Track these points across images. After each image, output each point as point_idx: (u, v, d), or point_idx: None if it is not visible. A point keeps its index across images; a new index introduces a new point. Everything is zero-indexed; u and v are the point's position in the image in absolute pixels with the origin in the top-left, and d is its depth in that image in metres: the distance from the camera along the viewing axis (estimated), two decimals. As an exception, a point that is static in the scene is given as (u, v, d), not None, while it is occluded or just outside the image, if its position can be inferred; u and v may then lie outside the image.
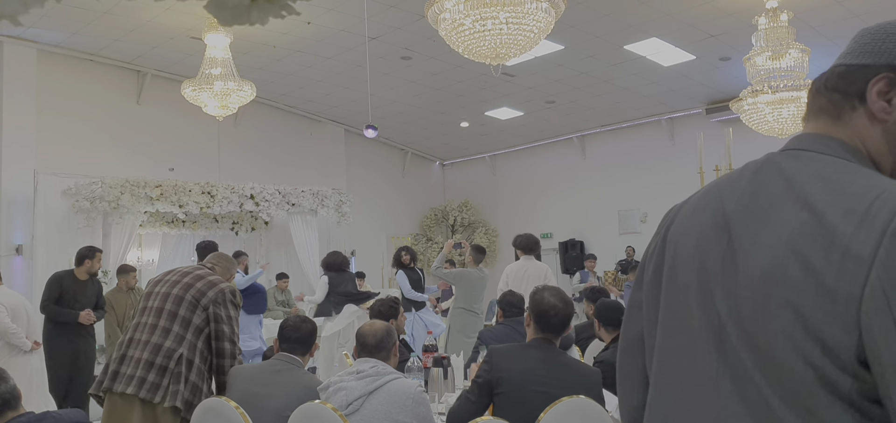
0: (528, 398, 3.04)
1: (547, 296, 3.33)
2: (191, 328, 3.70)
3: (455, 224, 16.37)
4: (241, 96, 8.71)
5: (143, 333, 3.71)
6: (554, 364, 3.23)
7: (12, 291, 6.96)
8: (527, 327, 3.40)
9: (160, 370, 3.60)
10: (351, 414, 3.12)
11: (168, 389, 3.57)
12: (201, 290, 3.76)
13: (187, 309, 3.72)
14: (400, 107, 13.21)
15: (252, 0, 0.78)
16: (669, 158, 13.42)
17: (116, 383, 3.63)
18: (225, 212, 11.39)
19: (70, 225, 9.83)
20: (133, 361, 3.65)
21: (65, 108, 10.82)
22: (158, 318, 3.71)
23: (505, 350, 3.32)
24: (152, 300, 3.79)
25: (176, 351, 3.64)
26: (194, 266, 3.97)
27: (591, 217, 14.67)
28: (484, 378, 3.15)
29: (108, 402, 3.67)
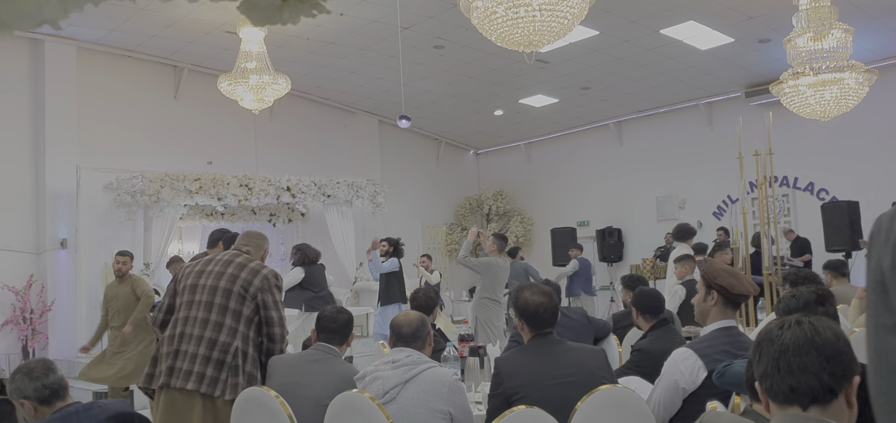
0: (548, 395, 3.02)
1: (529, 296, 3.30)
2: (242, 320, 3.76)
3: (490, 213, 16.33)
4: (276, 89, 8.78)
5: (195, 327, 3.74)
6: (559, 355, 3.22)
7: None
8: (520, 331, 3.38)
9: (217, 365, 3.66)
10: (388, 403, 3.14)
11: (227, 382, 3.64)
12: (247, 280, 3.79)
13: (237, 301, 3.76)
14: (433, 96, 13.20)
15: (283, 0, 0.78)
16: (708, 144, 13.22)
17: (173, 378, 3.68)
18: (262, 204, 11.52)
19: (112, 219, 10.03)
20: (188, 356, 3.69)
21: (105, 104, 11.02)
22: (209, 312, 3.74)
23: (509, 359, 3.31)
24: (199, 293, 3.80)
25: (231, 345, 3.70)
26: (233, 253, 3.96)
27: (628, 204, 14.52)
28: (499, 392, 3.13)
29: (166, 397, 3.72)
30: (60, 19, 0.80)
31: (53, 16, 0.79)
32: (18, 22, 0.77)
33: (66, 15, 0.80)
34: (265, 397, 3.43)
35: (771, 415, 1.60)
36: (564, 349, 3.24)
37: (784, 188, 12.50)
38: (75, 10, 0.82)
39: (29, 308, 9.74)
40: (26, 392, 2.84)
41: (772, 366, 1.57)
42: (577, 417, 2.98)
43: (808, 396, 1.53)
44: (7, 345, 9.62)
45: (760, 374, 1.60)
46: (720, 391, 3.06)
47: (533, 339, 3.27)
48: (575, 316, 5.27)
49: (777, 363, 1.56)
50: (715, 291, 3.24)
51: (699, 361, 3.16)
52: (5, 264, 9.73)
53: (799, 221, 12.31)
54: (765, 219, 5.66)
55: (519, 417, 2.82)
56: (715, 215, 13.29)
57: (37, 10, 0.77)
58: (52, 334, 9.93)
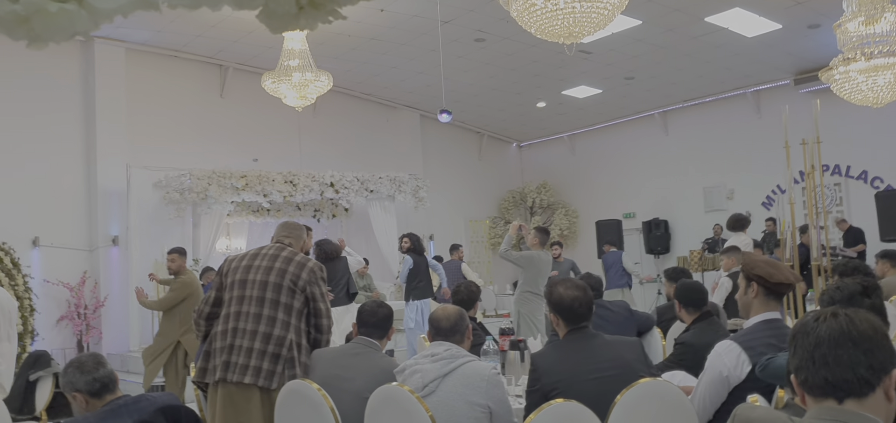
0: (586, 389, 2.99)
1: (563, 291, 3.25)
2: (293, 313, 3.84)
3: (534, 206, 16.25)
4: (318, 86, 8.87)
5: (248, 321, 3.81)
6: (596, 349, 3.18)
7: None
8: (556, 326, 3.35)
9: (273, 358, 3.73)
10: (427, 396, 3.15)
11: (283, 374, 3.72)
12: (296, 274, 3.86)
13: (287, 295, 3.83)
14: (475, 89, 13.18)
15: (300, 8, 0.80)
16: (756, 133, 12.95)
17: (230, 372, 3.75)
18: (307, 200, 11.68)
19: (162, 216, 10.27)
20: (243, 350, 3.76)
21: (152, 103, 11.27)
22: (261, 306, 3.81)
23: (545, 354, 3.28)
24: (249, 288, 3.86)
25: (285, 337, 3.78)
26: (277, 247, 4.01)
27: (675, 195, 14.31)
28: (537, 389, 3.11)
29: (223, 391, 3.79)
30: (91, 30, 0.83)
31: (84, 27, 0.82)
32: (52, 35, 0.80)
33: (97, 26, 0.83)
34: (307, 389, 3.48)
35: (807, 408, 1.57)
36: (601, 343, 3.21)
37: (836, 177, 12.19)
38: (106, 22, 0.85)
39: (83, 304, 10.03)
40: (78, 385, 2.92)
41: (807, 359, 1.55)
42: (616, 411, 2.96)
43: (844, 389, 1.50)
44: (63, 340, 9.93)
45: (795, 367, 1.58)
46: (764, 384, 3.01)
47: (569, 334, 3.25)
48: (617, 309, 5.23)
49: (812, 356, 1.54)
50: (754, 282, 3.19)
51: (743, 353, 3.11)
52: (60, 261, 10.03)
53: (852, 210, 12.00)
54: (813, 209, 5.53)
55: (556, 410, 2.81)
56: (764, 206, 13.02)
57: (69, 23, 0.80)
58: (106, 329, 10.22)
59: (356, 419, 3.40)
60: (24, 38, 0.81)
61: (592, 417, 2.79)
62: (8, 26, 0.79)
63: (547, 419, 2.79)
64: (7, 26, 0.79)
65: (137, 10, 0.80)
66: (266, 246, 4.08)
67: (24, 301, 9.24)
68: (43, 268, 9.87)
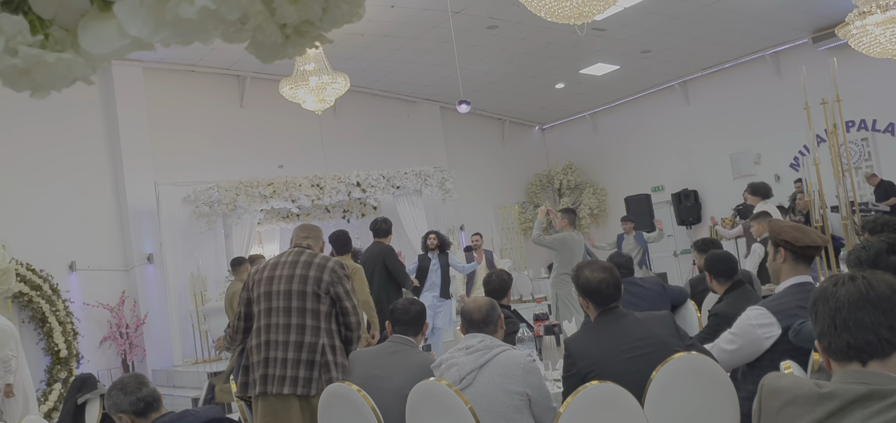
0: (622, 369, 3.01)
1: (589, 274, 3.25)
2: (322, 317, 3.87)
3: (561, 188, 16.21)
4: (335, 88, 8.93)
5: (279, 333, 3.85)
6: (628, 328, 3.18)
7: None
8: (585, 310, 3.35)
9: (308, 365, 3.79)
10: (465, 389, 3.20)
11: (320, 380, 3.78)
12: (317, 277, 3.88)
13: (312, 300, 3.86)
14: (492, 77, 13.17)
15: (286, 38, 0.84)
16: (778, 94, 12.78)
17: (269, 385, 3.82)
18: (335, 202, 11.77)
19: (193, 230, 10.42)
20: (278, 362, 3.82)
21: (174, 119, 11.40)
22: (289, 316, 3.85)
23: (578, 339, 3.29)
24: (275, 300, 3.90)
25: (318, 343, 3.82)
26: (295, 251, 4.04)
27: (702, 164, 14.19)
28: (573, 373, 3.13)
29: (263, 404, 3.86)
30: (90, 76, 0.88)
31: (83, 73, 0.86)
32: (52, 83, 0.85)
33: (94, 71, 0.87)
34: (347, 391, 3.54)
35: (832, 372, 1.59)
36: (632, 322, 3.23)
37: (863, 132, 12.00)
38: (103, 65, 0.90)
39: (124, 323, 10.22)
40: (123, 407, 3.01)
41: (828, 324, 1.57)
42: (652, 387, 2.98)
43: (866, 351, 1.52)
44: (108, 360, 10.14)
45: (819, 333, 1.61)
46: (796, 348, 3.02)
47: (600, 316, 3.26)
48: (649, 285, 5.23)
49: (833, 321, 1.56)
50: (781, 247, 3.19)
51: (772, 318, 3.12)
52: (98, 283, 10.22)
53: (882, 164, 11.81)
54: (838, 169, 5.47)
55: (592, 392, 2.84)
56: (792, 167, 12.87)
57: (67, 71, 0.84)
58: (149, 346, 10.41)
59: (397, 416, 3.46)
60: (27, 89, 0.85)
61: (629, 396, 2.82)
62: (10, 79, 0.83)
63: (584, 401, 2.82)
64: (9, 79, 0.83)
65: (133, 52, 0.85)
66: (285, 252, 4.11)
67: (66, 326, 9.46)
68: (82, 291, 10.08)
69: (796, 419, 1.59)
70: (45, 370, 9.43)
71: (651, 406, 2.94)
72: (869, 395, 1.49)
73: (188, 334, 10.39)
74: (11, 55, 0.81)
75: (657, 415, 2.93)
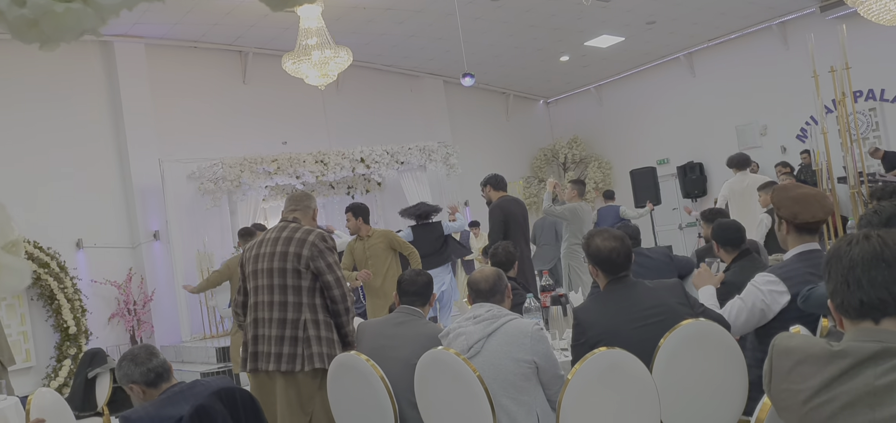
0: (632, 337, 3.01)
1: (600, 242, 3.23)
2: (304, 292, 3.83)
3: (566, 162, 16.16)
4: (338, 63, 8.88)
5: (265, 310, 3.88)
6: (638, 297, 3.18)
7: None
8: (595, 278, 3.35)
9: (292, 341, 3.79)
10: (472, 357, 3.21)
11: (303, 355, 3.78)
12: (297, 253, 3.83)
13: (292, 277, 3.83)
14: (496, 50, 13.10)
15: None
16: (785, 65, 12.69)
17: (259, 362, 3.87)
18: (339, 178, 11.76)
19: (199, 207, 10.43)
20: (266, 339, 3.86)
21: (177, 96, 11.36)
22: (272, 294, 3.86)
23: (587, 308, 3.28)
24: (261, 277, 3.91)
25: (299, 319, 3.81)
26: (280, 227, 4.02)
27: (707, 137, 14.12)
28: (582, 342, 3.13)
29: (254, 381, 3.94)
30: (99, 27, 0.86)
31: (92, 25, 0.85)
32: (61, 35, 0.84)
33: (104, 22, 0.86)
34: (357, 361, 3.56)
35: (845, 331, 1.59)
36: (642, 291, 3.22)
37: (871, 102, 11.92)
38: (112, 16, 0.88)
39: (132, 300, 10.27)
40: (134, 377, 3.02)
41: (841, 283, 1.57)
42: (660, 355, 2.99)
43: (879, 309, 1.52)
44: (116, 337, 10.19)
45: (831, 291, 1.61)
46: (805, 314, 3.02)
47: (609, 284, 3.26)
48: (656, 256, 5.23)
49: (846, 279, 1.56)
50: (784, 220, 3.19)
51: (782, 284, 3.12)
52: (105, 260, 10.26)
53: (890, 135, 11.74)
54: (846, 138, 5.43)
55: (600, 359, 2.84)
56: (798, 138, 12.80)
57: (76, 22, 0.83)
58: (157, 322, 10.46)
59: (405, 385, 3.48)
60: (35, 41, 0.84)
61: (637, 362, 2.82)
62: (18, 30, 0.82)
63: (592, 367, 2.82)
64: (18, 30, 0.82)
65: (142, 1, 0.83)
66: (272, 228, 4.09)
67: (74, 303, 9.51)
68: (89, 269, 10.11)
69: (808, 377, 1.59)
70: (55, 347, 9.50)
71: (659, 373, 2.95)
72: (881, 353, 1.49)
73: (195, 309, 10.44)
74: (20, 6, 0.80)
75: (665, 381, 2.94)
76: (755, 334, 3.36)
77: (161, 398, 2.96)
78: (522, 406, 3.17)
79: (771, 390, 1.71)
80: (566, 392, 2.80)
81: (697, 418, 3.07)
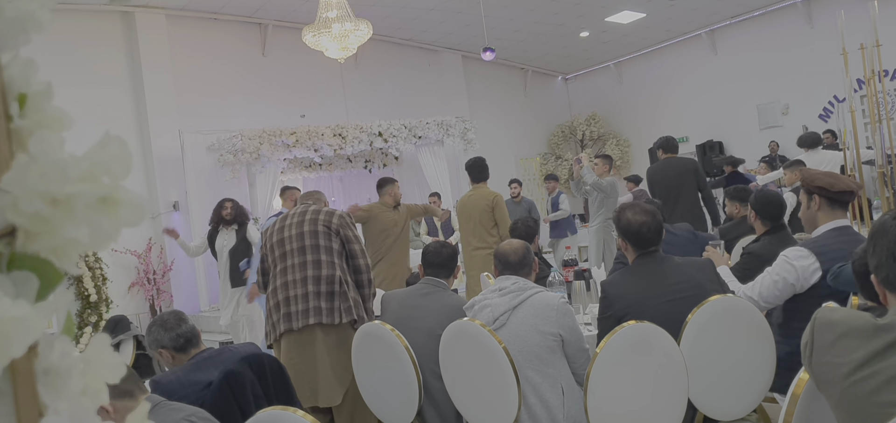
0: (659, 312, 2.99)
1: (632, 215, 3.19)
2: (334, 253, 4.02)
3: (584, 139, 16.08)
4: (358, 36, 8.85)
5: (295, 272, 3.99)
6: (666, 272, 3.15)
7: None
8: (624, 251, 3.32)
9: (328, 296, 3.94)
10: (498, 329, 3.21)
11: (340, 309, 3.93)
12: (327, 219, 4.07)
13: (325, 238, 4.02)
14: (516, 24, 13.00)
15: None
16: (809, 43, 12.52)
17: (293, 321, 3.95)
18: (356, 151, 11.75)
19: (218, 178, 10.46)
20: (299, 298, 3.96)
21: (197, 67, 11.37)
22: (304, 255, 4.00)
23: (614, 282, 3.25)
24: (288, 244, 4.07)
25: (334, 275, 3.97)
26: (302, 208, 4.22)
27: (728, 115, 13.99)
28: (609, 315, 3.11)
29: (287, 340, 3.99)
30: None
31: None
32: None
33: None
34: (381, 330, 3.58)
35: (888, 305, 1.57)
36: (671, 266, 3.19)
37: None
38: None
39: (151, 270, 10.35)
40: (163, 342, 3.04)
41: (886, 256, 1.55)
42: (688, 329, 2.97)
43: None
44: (136, 305, 10.29)
45: (875, 265, 1.58)
46: (834, 292, 2.99)
47: (638, 259, 3.24)
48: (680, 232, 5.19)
49: (892, 253, 1.54)
50: (815, 194, 3.16)
51: (815, 261, 3.10)
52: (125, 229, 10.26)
53: (915, 114, 11.57)
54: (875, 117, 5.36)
55: (630, 332, 2.83)
56: (821, 118, 12.66)
57: None
58: (176, 292, 10.55)
59: (429, 356, 3.49)
60: None
61: (667, 336, 2.81)
62: None
63: (622, 340, 2.81)
64: None
65: None
66: (295, 208, 4.29)
67: (95, 271, 9.58)
68: (109, 238, 10.19)
69: (851, 351, 1.57)
70: (76, 315, 9.60)
71: (686, 348, 2.94)
72: None
73: (214, 280, 10.49)
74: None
75: (693, 357, 2.92)
76: (783, 310, 3.34)
77: (190, 364, 2.98)
78: (547, 378, 3.17)
79: (812, 362, 1.69)
80: (595, 365, 2.80)
81: (724, 393, 3.06)
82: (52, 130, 0.59)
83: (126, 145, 0.59)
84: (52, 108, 0.60)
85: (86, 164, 0.58)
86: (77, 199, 0.56)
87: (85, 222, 0.57)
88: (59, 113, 0.61)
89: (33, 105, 0.59)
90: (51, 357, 0.58)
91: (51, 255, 0.56)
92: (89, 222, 0.57)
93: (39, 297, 0.55)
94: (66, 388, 0.58)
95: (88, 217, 0.57)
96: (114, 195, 0.58)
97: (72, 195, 0.56)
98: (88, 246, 0.57)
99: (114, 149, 0.59)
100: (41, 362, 0.57)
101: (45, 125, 0.59)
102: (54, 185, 0.55)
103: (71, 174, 0.56)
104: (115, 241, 0.60)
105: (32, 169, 0.55)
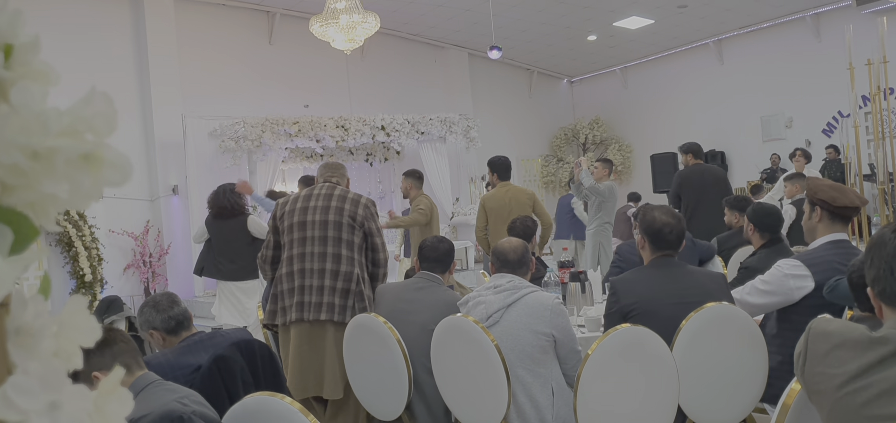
0: (665, 313, 2.98)
1: (658, 215, 3.22)
2: (355, 248, 3.96)
3: (586, 143, 16.06)
4: (366, 28, 8.83)
5: (314, 261, 3.91)
6: (678, 277, 3.15)
7: None
8: (641, 249, 3.31)
9: (343, 293, 3.88)
10: (491, 326, 3.20)
11: (354, 308, 3.87)
12: (352, 211, 3.97)
13: (347, 231, 3.95)
14: (523, 25, 12.98)
15: None
16: (815, 58, 12.52)
17: (305, 312, 3.89)
18: (358, 144, 11.74)
19: (219, 164, 10.45)
20: (314, 289, 3.89)
21: (203, 53, 11.37)
22: (325, 245, 3.92)
23: (626, 279, 3.25)
24: (310, 229, 3.95)
25: (352, 272, 3.91)
26: (328, 186, 4.08)
27: (731, 126, 13.98)
28: (614, 310, 3.12)
29: (297, 330, 3.92)
30: None
31: None
32: None
33: None
34: (374, 323, 3.56)
35: (884, 319, 1.56)
36: (684, 272, 3.19)
37: (902, 100, 11.73)
38: None
39: (148, 252, 10.34)
40: (154, 323, 3.03)
41: (884, 269, 1.54)
42: (681, 335, 2.96)
43: None
44: (131, 287, 10.28)
45: (872, 278, 1.57)
46: (829, 304, 2.98)
47: (654, 260, 3.23)
48: (678, 239, 5.18)
49: (890, 266, 1.53)
50: (818, 206, 3.15)
51: (805, 270, 3.09)
52: (123, 211, 10.31)
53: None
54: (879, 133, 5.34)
55: (622, 335, 2.82)
56: (824, 133, 12.65)
57: None
58: (171, 275, 10.53)
59: (421, 350, 3.48)
60: None
61: (659, 341, 2.80)
62: None
63: (614, 343, 2.80)
64: None
65: None
66: (318, 186, 4.14)
67: (91, 251, 9.58)
68: (107, 219, 10.17)
69: (845, 362, 1.56)
70: (70, 293, 9.59)
71: (679, 352, 2.92)
72: None
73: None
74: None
75: (685, 363, 2.91)
76: (776, 320, 3.33)
77: (180, 346, 2.97)
78: (538, 378, 3.16)
79: (804, 372, 1.68)
80: (586, 366, 2.78)
81: (715, 401, 3.05)
82: (37, 83, 0.57)
83: (112, 102, 0.58)
84: (39, 61, 0.59)
85: (68, 118, 0.56)
86: (58, 153, 0.55)
87: (65, 178, 0.55)
88: (46, 67, 0.59)
89: (19, 57, 0.58)
90: (23, 316, 0.57)
91: (28, 209, 0.55)
92: (70, 179, 0.56)
93: (13, 251, 0.54)
94: (38, 349, 0.56)
95: (69, 174, 0.56)
96: (97, 153, 0.57)
97: (52, 149, 0.54)
98: (68, 203, 0.56)
99: (99, 105, 0.58)
100: (13, 320, 0.56)
101: (29, 78, 0.57)
102: (35, 137, 0.54)
103: (52, 127, 0.55)
104: (96, 200, 0.58)
105: (13, 120, 0.54)
